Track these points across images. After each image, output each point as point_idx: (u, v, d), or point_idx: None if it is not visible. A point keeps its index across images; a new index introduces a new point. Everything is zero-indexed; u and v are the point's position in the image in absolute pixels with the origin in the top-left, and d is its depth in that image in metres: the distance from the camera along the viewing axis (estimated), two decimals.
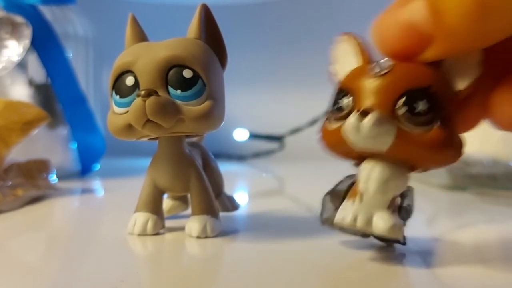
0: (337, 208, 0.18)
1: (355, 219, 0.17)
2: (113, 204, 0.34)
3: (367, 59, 0.18)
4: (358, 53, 0.18)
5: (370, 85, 0.16)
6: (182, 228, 0.23)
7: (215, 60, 0.22)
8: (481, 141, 0.44)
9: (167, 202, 0.27)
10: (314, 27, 0.67)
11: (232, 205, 0.28)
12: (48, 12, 0.45)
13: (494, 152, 0.40)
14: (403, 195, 0.20)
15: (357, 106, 0.16)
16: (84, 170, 0.47)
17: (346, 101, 0.17)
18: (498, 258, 0.21)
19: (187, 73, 0.20)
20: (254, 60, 0.70)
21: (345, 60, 0.18)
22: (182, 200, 0.27)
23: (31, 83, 0.44)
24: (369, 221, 0.17)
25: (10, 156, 0.33)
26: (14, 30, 0.40)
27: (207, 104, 0.21)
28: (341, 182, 0.20)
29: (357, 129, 0.15)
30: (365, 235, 0.20)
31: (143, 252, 0.21)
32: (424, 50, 0.15)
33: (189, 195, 0.24)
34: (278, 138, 0.66)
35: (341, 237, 0.21)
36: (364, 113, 0.15)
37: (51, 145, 0.44)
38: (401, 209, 0.19)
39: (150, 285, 0.16)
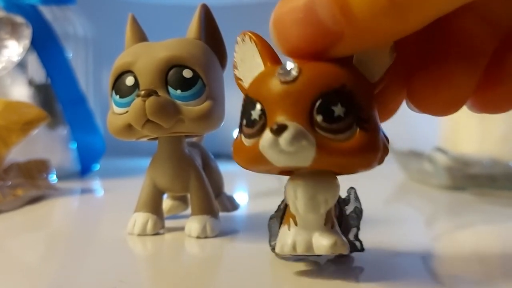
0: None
1: (294, 246, 0.16)
2: (113, 204, 0.34)
3: (271, 60, 0.16)
4: (259, 52, 0.16)
5: (279, 93, 0.14)
6: (182, 228, 0.23)
7: (215, 60, 0.22)
8: (480, 141, 0.44)
9: (167, 202, 0.27)
10: None
11: (232, 205, 0.28)
12: (48, 12, 0.45)
13: (494, 152, 0.41)
14: (345, 202, 0.19)
15: (269, 119, 0.14)
16: (84, 170, 0.47)
17: (257, 112, 0.15)
18: (497, 258, 0.21)
19: (187, 73, 0.21)
20: None
21: (248, 63, 0.16)
22: (182, 200, 0.28)
23: (31, 83, 0.44)
24: (309, 244, 0.16)
25: (10, 156, 0.33)
26: (14, 30, 0.40)
27: (207, 104, 0.21)
28: (283, 201, 0.18)
29: (275, 146, 0.14)
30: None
31: (143, 252, 0.21)
32: (332, 47, 0.14)
33: (188, 195, 0.24)
34: None
35: None
36: (279, 130, 0.14)
37: (51, 145, 0.44)
38: (348, 217, 0.19)
39: (150, 285, 0.16)
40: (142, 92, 0.20)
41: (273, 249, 0.18)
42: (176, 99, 0.20)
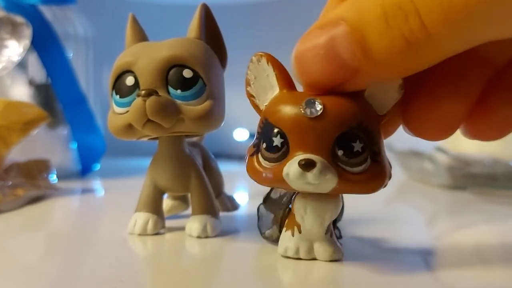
0: (276, 220, 0.20)
1: (297, 251, 0.18)
2: (113, 204, 0.34)
3: (288, 86, 0.17)
4: (275, 76, 0.17)
5: (304, 127, 0.16)
6: (182, 228, 0.23)
7: (215, 60, 0.22)
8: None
9: (167, 202, 0.27)
10: None
11: (232, 205, 0.28)
12: (48, 12, 0.45)
13: (494, 152, 0.40)
14: None
15: (293, 149, 0.16)
16: (84, 170, 0.47)
17: (280, 140, 0.16)
18: (498, 258, 0.21)
19: (187, 73, 0.20)
20: None
21: (262, 82, 0.18)
22: (182, 200, 0.28)
23: (31, 83, 0.44)
24: (310, 250, 0.18)
25: (10, 156, 0.33)
26: (14, 30, 0.40)
27: (207, 104, 0.21)
28: (272, 188, 0.21)
29: (302, 179, 0.15)
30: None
31: (143, 252, 0.21)
32: (348, 81, 0.15)
33: (189, 195, 0.24)
34: None
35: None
36: (308, 165, 0.15)
37: (51, 145, 0.44)
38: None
39: (150, 285, 0.16)
40: (143, 92, 0.20)
41: (265, 238, 0.21)
42: (176, 99, 0.20)
